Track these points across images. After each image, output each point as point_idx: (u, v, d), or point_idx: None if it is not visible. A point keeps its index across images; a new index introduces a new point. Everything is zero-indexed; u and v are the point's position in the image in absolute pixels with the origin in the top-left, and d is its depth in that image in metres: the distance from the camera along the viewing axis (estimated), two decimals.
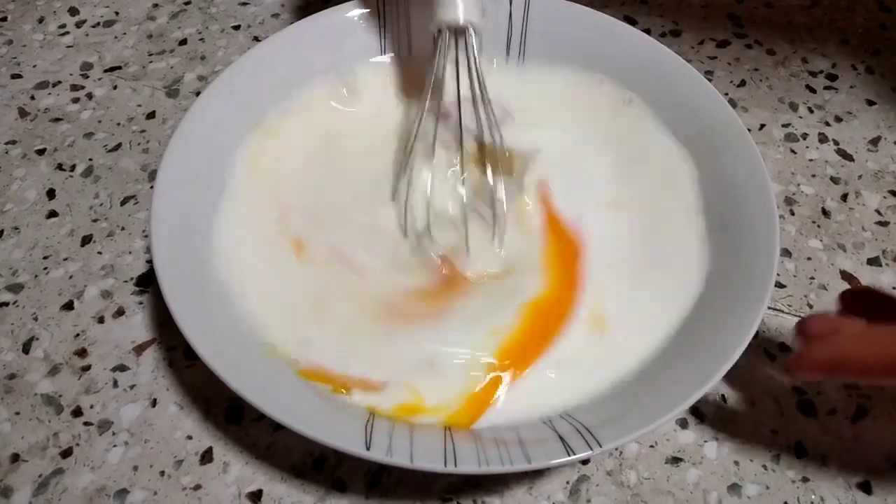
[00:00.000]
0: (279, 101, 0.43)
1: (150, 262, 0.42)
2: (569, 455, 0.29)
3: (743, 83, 0.53)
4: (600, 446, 0.29)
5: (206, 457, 0.36)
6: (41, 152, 0.48)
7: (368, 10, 0.44)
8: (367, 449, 0.29)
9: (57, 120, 0.49)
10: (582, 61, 0.45)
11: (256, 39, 0.54)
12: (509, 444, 0.30)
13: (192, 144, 0.39)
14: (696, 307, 0.37)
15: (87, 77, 0.52)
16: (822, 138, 0.50)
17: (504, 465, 0.29)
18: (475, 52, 0.39)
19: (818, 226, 0.45)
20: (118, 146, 0.48)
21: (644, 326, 0.37)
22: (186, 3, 0.57)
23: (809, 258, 0.44)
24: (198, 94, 0.50)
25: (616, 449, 0.36)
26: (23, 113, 0.50)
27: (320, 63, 0.44)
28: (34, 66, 0.52)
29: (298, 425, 0.30)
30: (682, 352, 0.34)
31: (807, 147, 0.49)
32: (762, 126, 0.50)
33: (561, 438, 0.30)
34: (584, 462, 0.36)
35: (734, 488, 0.36)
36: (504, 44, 0.46)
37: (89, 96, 0.51)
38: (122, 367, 0.39)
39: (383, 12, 0.44)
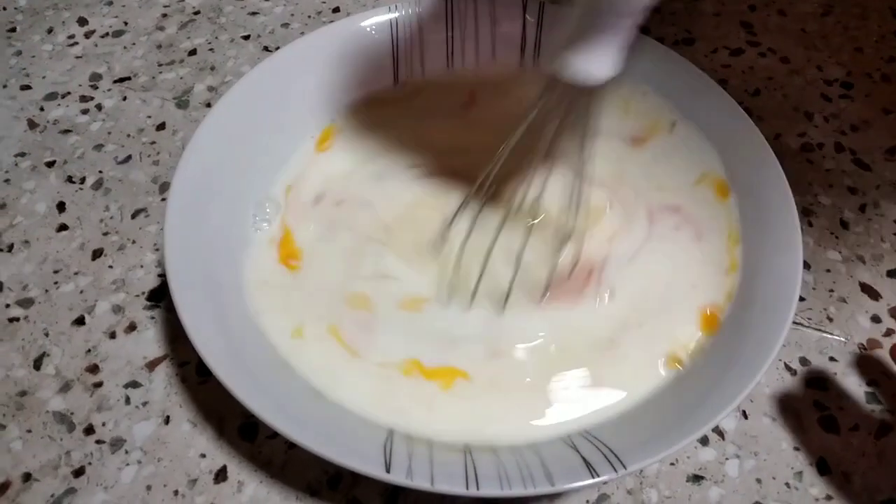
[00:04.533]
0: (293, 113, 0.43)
1: (161, 275, 0.42)
2: (592, 477, 0.28)
3: (757, 92, 0.52)
4: (624, 468, 0.29)
5: (221, 475, 0.36)
6: (51, 164, 0.47)
7: (381, 20, 0.44)
8: (387, 471, 0.29)
9: (66, 131, 0.49)
10: None
11: (266, 49, 0.54)
12: (531, 464, 0.30)
13: (205, 156, 0.39)
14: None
15: (97, 88, 0.52)
16: (839, 148, 0.49)
17: (527, 487, 0.28)
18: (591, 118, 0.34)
19: (836, 237, 0.45)
20: (128, 158, 0.48)
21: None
22: (196, 13, 0.57)
23: (828, 270, 0.43)
24: (208, 104, 0.50)
25: None
26: (32, 125, 0.49)
27: (333, 75, 0.44)
28: (43, 77, 0.52)
29: (316, 446, 0.29)
30: (705, 369, 0.34)
31: (823, 157, 0.49)
32: (777, 135, 0.50)
33: (584, 459, 0.30)
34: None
35: None
36: (517, 53, 0.45)
37: (99, 107, 0.50)
38: (134, 384, 0.38)
39: (396, 23, 0.44)
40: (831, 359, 0.40)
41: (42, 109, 0.50)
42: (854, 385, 0.39)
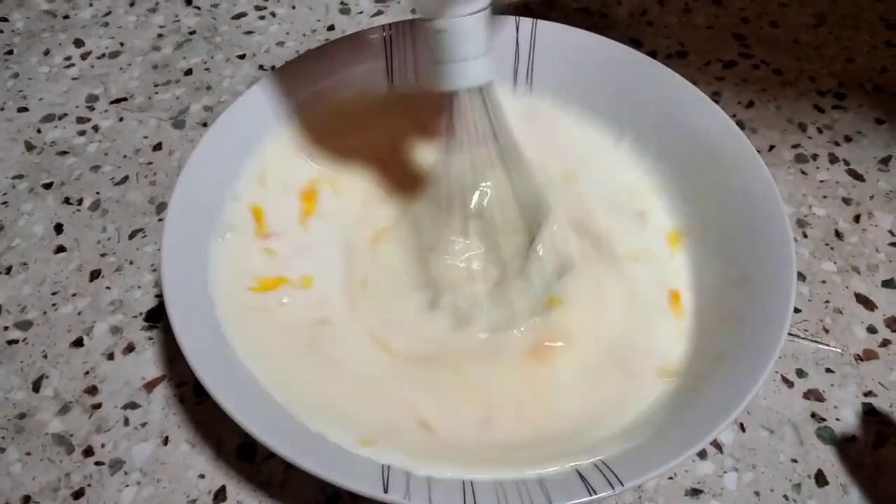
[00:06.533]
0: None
1: (158, 296, 0.42)
2: (590, 495, 0.28)
3: (751, 104, 0.52)
4: (622, 485, 0.29)
5: (220, 496, 0.36)
6: (48, 186, 0.47)
7: (375, 38, 0.44)
8: (385, 491, 0.29)
9: (63, 153, 0.49)
10: (588, 87, 0.45)
11: (262, 68, 0.54)
12: (529, 483, 0.30)
13: (202, 176, 0.39)
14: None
15: (93, 109, 0.52)
16: (833, 158, 0.49)
17: None
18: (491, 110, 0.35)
19: (831, 248, 0.45)
20: (125, 179, 0.48)
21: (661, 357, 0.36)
22: (191, 33, 0.57)
23: (824, 281, 0.43)
24: (204, 124, 0.50)
25: None
26: (29, 146, 0.50)
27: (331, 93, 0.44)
28: (40, 99, 0.52)
29: (313, 466, 0.29)
30: (702, 383, 0.34)
31: (817, 168, 0.49)
32: (771, 147, 0.50)
33: (581, 477, 0.30)
34: None
35: None
36: (511, 72, 0.46)
37: (95, 129, 0.51)
38: (132, 405, 0.38)
39: (390, 41, 0.44)
40: (828, 370, 0.40)
41: (39, 131, 0.50)
42: (851, 396, 0.39)
